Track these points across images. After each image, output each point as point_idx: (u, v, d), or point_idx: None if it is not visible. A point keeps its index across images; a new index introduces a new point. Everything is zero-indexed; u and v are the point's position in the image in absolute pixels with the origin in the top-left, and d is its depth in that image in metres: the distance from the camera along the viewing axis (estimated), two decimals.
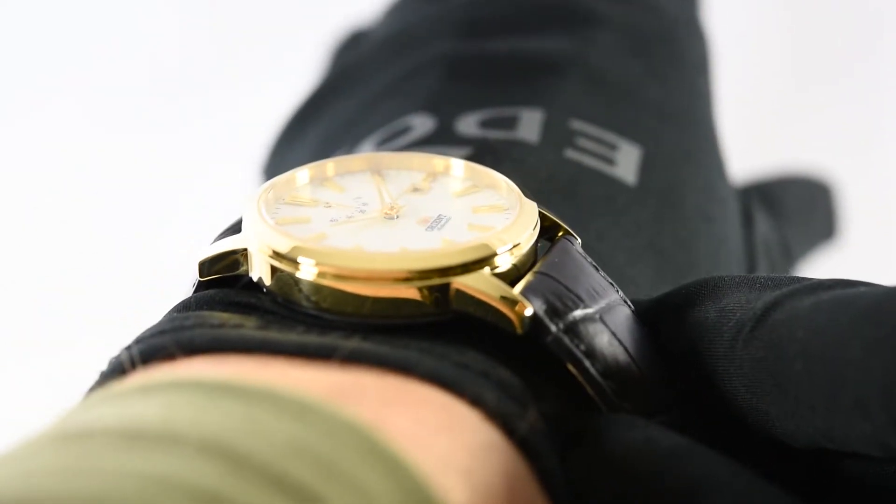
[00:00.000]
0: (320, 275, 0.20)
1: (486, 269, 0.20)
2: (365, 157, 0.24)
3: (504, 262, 0.20)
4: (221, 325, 0.20)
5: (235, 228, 0.22)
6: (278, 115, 0.38)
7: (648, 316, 0.22)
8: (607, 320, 0.20)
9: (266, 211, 0.22)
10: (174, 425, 0.16)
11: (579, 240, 0.22)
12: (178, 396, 0.17)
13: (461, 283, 0.20)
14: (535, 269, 0.21)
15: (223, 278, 0.22)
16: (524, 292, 0.20)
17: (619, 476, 0.18)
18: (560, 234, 0.22)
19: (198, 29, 0.72)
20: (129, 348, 0.20)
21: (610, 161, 0.27)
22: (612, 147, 0.28)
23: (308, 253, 0.20)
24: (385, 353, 0.19)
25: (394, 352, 0.19)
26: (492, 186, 0.23)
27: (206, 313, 0.20)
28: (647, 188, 0.27)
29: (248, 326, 0.20)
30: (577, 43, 0.31)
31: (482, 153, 0.26)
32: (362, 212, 0.22)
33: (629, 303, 0.22)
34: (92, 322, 0.77)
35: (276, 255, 0.20)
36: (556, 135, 0.27)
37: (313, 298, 0.20)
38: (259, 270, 0.21)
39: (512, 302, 0.20)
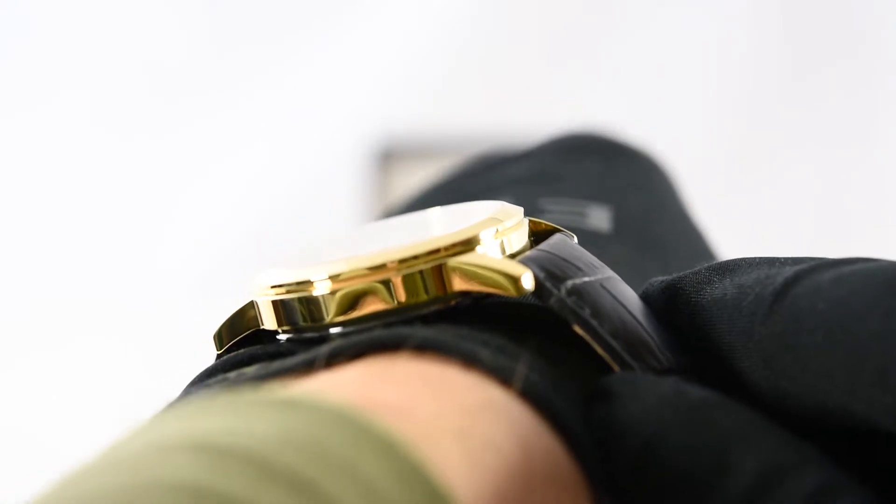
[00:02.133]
0: (326, 282, 0.20)
1: (479, 248, 0.20)
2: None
3: (495, 242, 0.20)
4: (232, 382, 0.20)
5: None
6: (279, 116, 0.38)
7: (660, 298, 0.22)
8: (608, 287, 0.20)
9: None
10: (163, 437, 0.16)
11: (575, 238, 0.22)
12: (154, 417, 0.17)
13: (456, 261, 0.20)
14: (534, 247, 0.21)
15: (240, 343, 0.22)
16: (522, 261, 0.20)
17: (649, 425, 0.18)
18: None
19: (199, 30, 0.72)
20: None
21: (582, 216, 0.28)
22: (583, 206, 0.29)
23: (309, 272, 0.20)
24: (375, 336, 0.19)
25: (385, 332, 0.19)
26: (473, 213, 0.23)
27: (208, 382, 0.21)
28: (622, 233, 0.28)
29: (251, 370, 0.20)
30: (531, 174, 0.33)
31: None
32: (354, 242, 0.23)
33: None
34: (92, 322, 0.77)
35: (279, 287, 0.21)
36: (527, 203, 0.28)
37: (317, 314, 0.20)
38: (267, 316, 0.21)
39: (510, 270, 0.19)
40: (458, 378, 0.18)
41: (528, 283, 0.19)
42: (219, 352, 0.22)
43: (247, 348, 0.21)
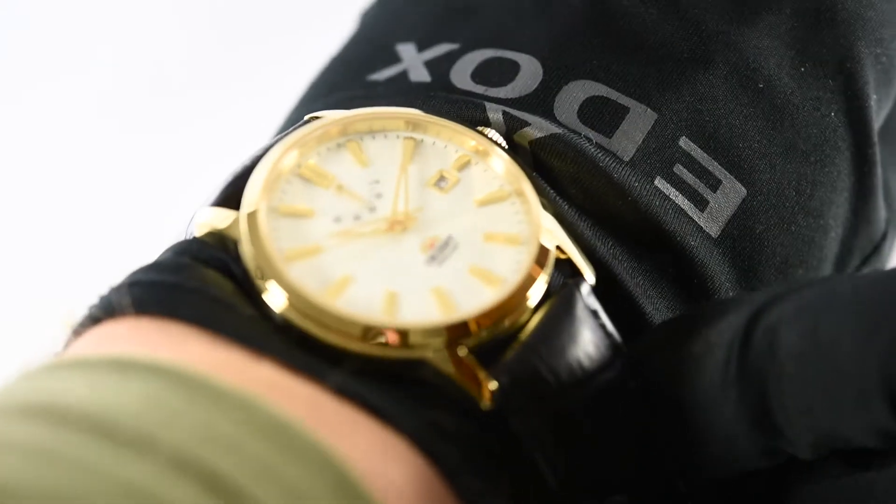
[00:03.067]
0: (289, 309, 0.20)
1: (464, 347, 0.20)
2: (405, 114, 0.22)
3: (484, 336, 0.20)
4: (216, 301, 0.20)
5: (245, 176, 0.22)
6: (279, 117, 0.38)
7: (641, 358, 0.21)
8: (580, 398, 0.20)
9: (269, 189, 0.21)
10: (150, 428, 0.16)
11: (591, 280, 0.22)
12: (157, 389, 0.17)
13: (431, 358, 0.20)
14: (525, 335, 0.20)
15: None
16: (498, 371, 0.20)
17: None
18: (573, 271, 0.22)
19: (197, 30, 0.72)
20: (124, 289, 0.20)
21: (702, 203, 0.24)
22: (713, 186, 0.24)
23: (284, 285, 0.20)
24: (373, 401, 0.19)
25: (381, 401, 0.19)
26: (519, 194, 0.22)
27: (206, 273, 0.20)
28: (727, 245, 0.24)
29: (240, 310, 0.20)
30: (742, 15, 0.25)
31: (565, 149, 0.23)
32: (372, 210, 0.21)
33: (623, 351, 0.21)
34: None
35: (261, 274, 0.20)
36: (655, 155, 0.24)
37: (281, 323, 0.20)
38: (247, 269, 0.21)
39: (480, 384, 0.19)
40: (439, 485, 0.19)
41: (491, 404, 0.19)
42: (198, 236, 0.21)
43: (222, 250, 0.21)
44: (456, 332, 0.20)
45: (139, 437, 0.16)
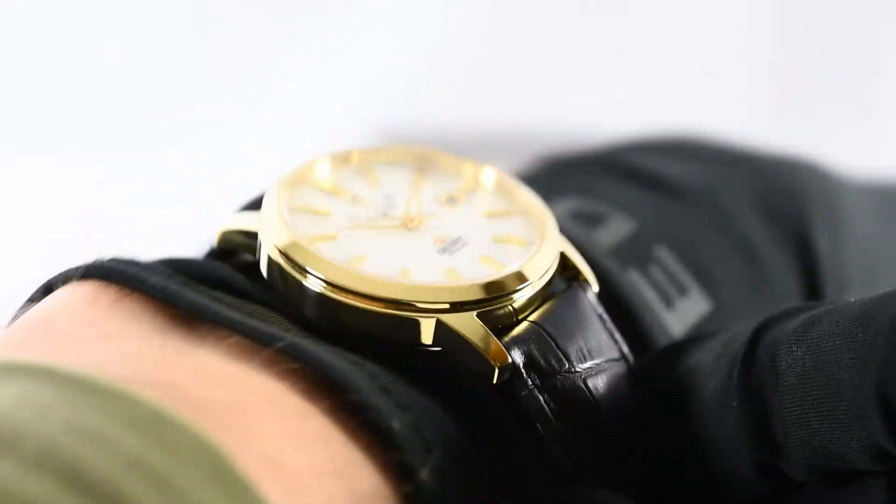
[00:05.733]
0: (320, 283, 0.20)
1: (475, 312, 0.20)
2: (415, 150, 0.24)
3: (497, 307, 0.20)
4: (172, 277, 0.20)
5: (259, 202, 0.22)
6: (277, 121, 0.38)
7: (646, 369, 0.22)
8: (592, 383, 0.20)
9: (288, 195, 0.22)
10: (17, 424, 0.16)
11: (596, 287, 0.22)
12: (32, 388, 0.17)
13: (446, 320, 0.20)
14: (534, 317, 0.21)
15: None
16: (509, 343, 0.20)
17: None
18: (580, 276, 0.22)
19: (195, 35, 0.72)
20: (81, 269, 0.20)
21: (670, 303, 0.25)
22: (682, 291, 0.25)
23: (303, 256, 0.20)
24: (320, 357, 0.19)
25: (323, 355, 0.19)
26: (524, 212, 0.23)
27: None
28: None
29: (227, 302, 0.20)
30: (713, 177, 0.28)
31: None
32: (385, 215, 0.22)
33: (630, 360, 0.21)
34: None
35: (280, 250, 0.21)
36: (632, 253, 0.25)
37: (301, 304, 0.20)
38: (263, 257, 0.21)
39: (492, 355, 0.20)
40: (360, 459, 0.18)
41: (502, 377, 0.20)
42: (218, 247, 0.22)
43: (219, 263, 0.21)
44: (464, 294, 0.20)
45: (6, 435, 0.16)
